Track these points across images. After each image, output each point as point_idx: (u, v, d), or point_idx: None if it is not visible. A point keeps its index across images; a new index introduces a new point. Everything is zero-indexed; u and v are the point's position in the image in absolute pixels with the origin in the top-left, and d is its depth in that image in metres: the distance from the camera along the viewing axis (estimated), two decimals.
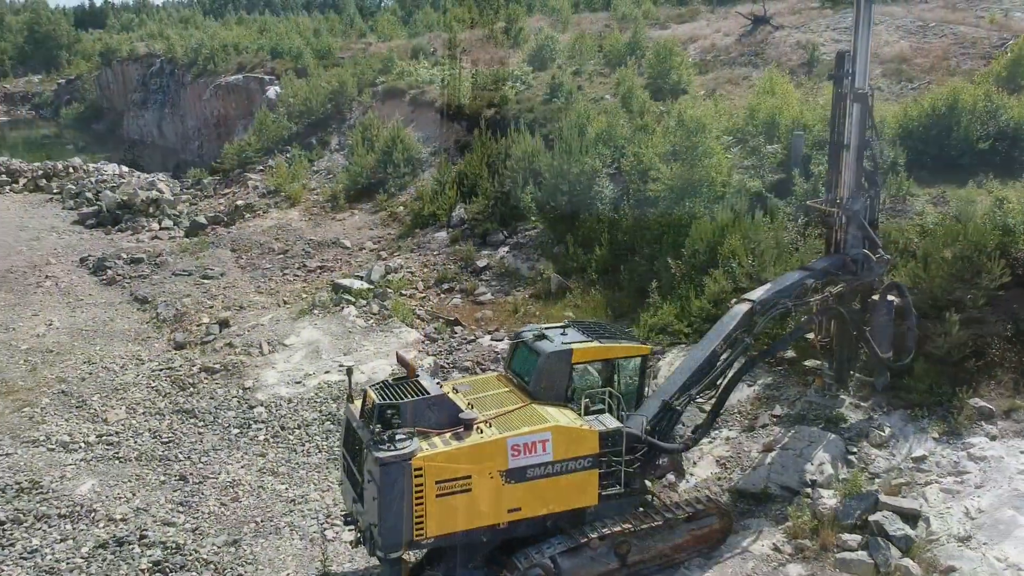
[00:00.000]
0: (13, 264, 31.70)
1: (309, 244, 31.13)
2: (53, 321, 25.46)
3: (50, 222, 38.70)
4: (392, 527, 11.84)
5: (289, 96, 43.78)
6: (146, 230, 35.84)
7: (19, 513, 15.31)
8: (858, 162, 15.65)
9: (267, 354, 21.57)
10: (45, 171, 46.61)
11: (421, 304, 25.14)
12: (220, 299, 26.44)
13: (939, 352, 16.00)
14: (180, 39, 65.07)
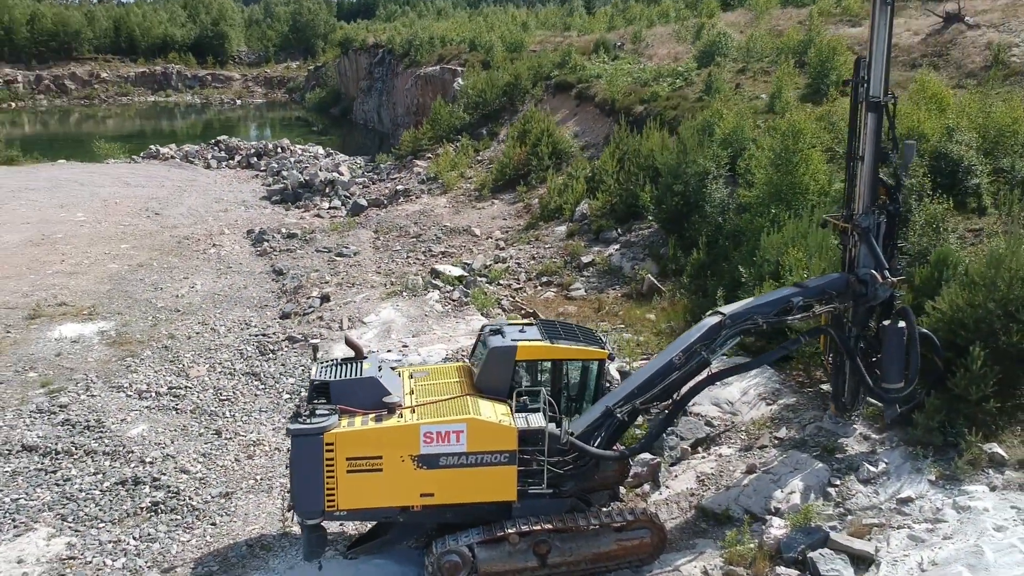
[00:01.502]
0: (194, 232, 35.59)
1: (442, 230, 32.56)
2: (197, 285, 28.46)
3: (243, 196, 42.88)
4: (303, 495, 12.76)
5: (468, 88, 45.57)
6: (316, 208, 38.87)
7: (73, 446, 17.64)
8: (872, 175, 14.61)
9: (344, 329, 23.08)
10: (258, 149, 51.45)
11: (513, 295, 25.77)
12: (341, 276, 28.37)
13: (957, 388, 14.62)
14: (399, 31, 69.02)
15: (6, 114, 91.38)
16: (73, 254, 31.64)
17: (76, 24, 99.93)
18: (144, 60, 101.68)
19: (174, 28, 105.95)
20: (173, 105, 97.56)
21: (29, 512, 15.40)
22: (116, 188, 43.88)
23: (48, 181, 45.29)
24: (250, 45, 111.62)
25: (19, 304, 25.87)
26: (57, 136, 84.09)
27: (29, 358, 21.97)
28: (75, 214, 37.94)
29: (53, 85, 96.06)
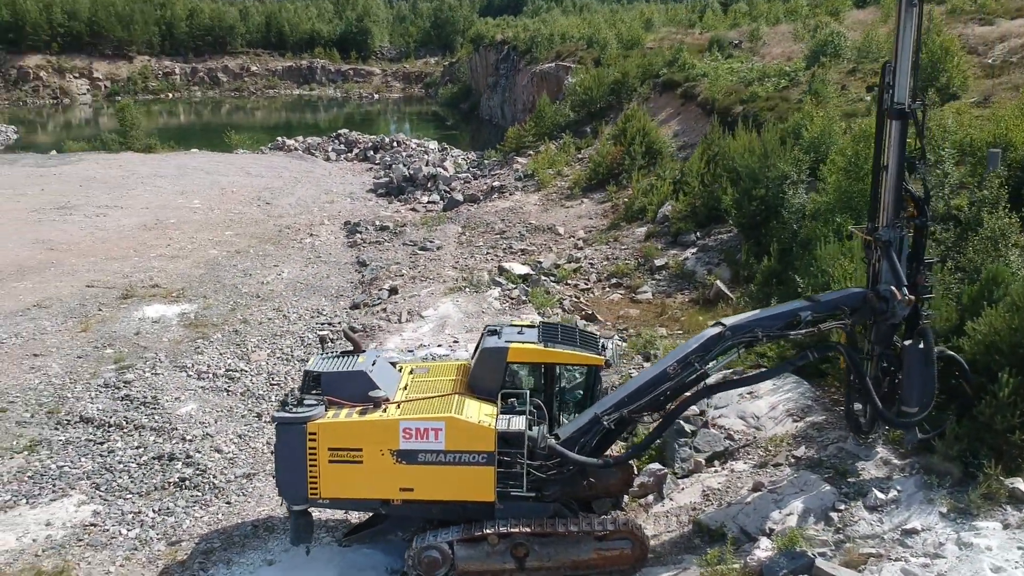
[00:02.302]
0: (296, 222, 37.07)
1: (527, 228, 32.72)
2: (284, 272, 29.67)
3: (352, 189, 44.30)
4: (287, 482, 13.24)
5: (576, 85, 45.50)
6: (415, 202, 39.75)
7: (126, 420, 18.82)
8: (897, 187, 13.84)
9: (402, 322, 23.60)
10: (375, 143, 52.99)
11: (578, 295, 25.68)
12: (418, 269, 28.98)
13: (982, 416, 13.70)
14: (525, 28, 69.45)
15: (164, 104, 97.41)
16: (179, 239, 33.55)
17: (231, 20, 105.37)
18: (291, 55, 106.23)
19: (321, 24, 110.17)
20: (316, 99, 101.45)
21: (69, 479, 16.55)
22: (236, 177, 46.16)
23: (177, 169, 48.10)
24: (392, 41, 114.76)
25: (117, 284, 27.66)
26: (209, 125, 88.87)
27: (111, 335, 23.49)
28: (192, 201, 40.19)
29: (207, 77, 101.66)
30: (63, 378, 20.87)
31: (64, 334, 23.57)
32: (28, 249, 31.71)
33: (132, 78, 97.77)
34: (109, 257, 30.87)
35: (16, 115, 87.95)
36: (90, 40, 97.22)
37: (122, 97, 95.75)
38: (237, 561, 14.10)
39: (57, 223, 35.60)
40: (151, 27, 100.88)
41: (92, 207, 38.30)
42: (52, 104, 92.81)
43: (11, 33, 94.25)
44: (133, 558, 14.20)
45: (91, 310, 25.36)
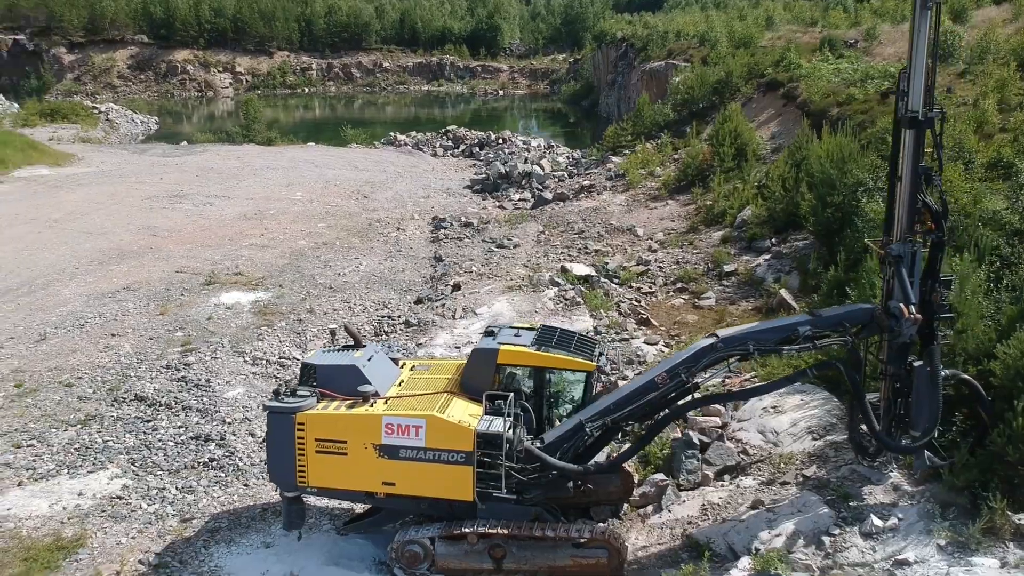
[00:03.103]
0: (388, 216, 38.03)
1: (606, 228, 32.53)
2: (362, 265, 30.53)
3: (450, 185, 45.03)
4: (277, 469, 13.79)
5: (680, 84, 44.78)
6: (507, 199, 40.08)
7: (175, 401, 19.87)
8: (911, 199, 13.17)
9: (455, 319, 23.94)
10: (481, 140, 53.64)
11: (639, 299, 25.40)
12: (490, 267, 29.27)
13: (994, 446, 12.88)
14: (644, 25, 68.70)
15: (300, 98, 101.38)
16: (274, 230, 34.97)
17: (367, 17, 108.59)
18: (423, 51, 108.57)
19: (453, 21, 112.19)
20: (444, 95, 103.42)
21: (110, 453, 17.63)
22: (343, 171, 47.68)
23: (290, 161, 50.07)
24: (522, 38, 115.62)
25: (204, 271, 29.11)
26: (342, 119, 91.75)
27: (185, 319, 24.78)
28: (295, 193, 41.80)
29: (341, 73, 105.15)
30: (131, 358, 22.16)
31: (143, 316, 25.00)
32: (133, 235, 33.75)
33: (271, 73, 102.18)
34: (204, 245, 32.49)
35: (164, 107, 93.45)
36: (234, 36, 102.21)
37: (261, 91, 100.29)
38: (238, 542, 14.73)
39: (166, 211, 37.72)
40: (291, 24, 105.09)
41: (201, 196, 40.38)
42: (197, 97, 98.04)
43: (163, 29, 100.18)
44: (146, 531, 15.03)
45: (174, 295, 26.78)
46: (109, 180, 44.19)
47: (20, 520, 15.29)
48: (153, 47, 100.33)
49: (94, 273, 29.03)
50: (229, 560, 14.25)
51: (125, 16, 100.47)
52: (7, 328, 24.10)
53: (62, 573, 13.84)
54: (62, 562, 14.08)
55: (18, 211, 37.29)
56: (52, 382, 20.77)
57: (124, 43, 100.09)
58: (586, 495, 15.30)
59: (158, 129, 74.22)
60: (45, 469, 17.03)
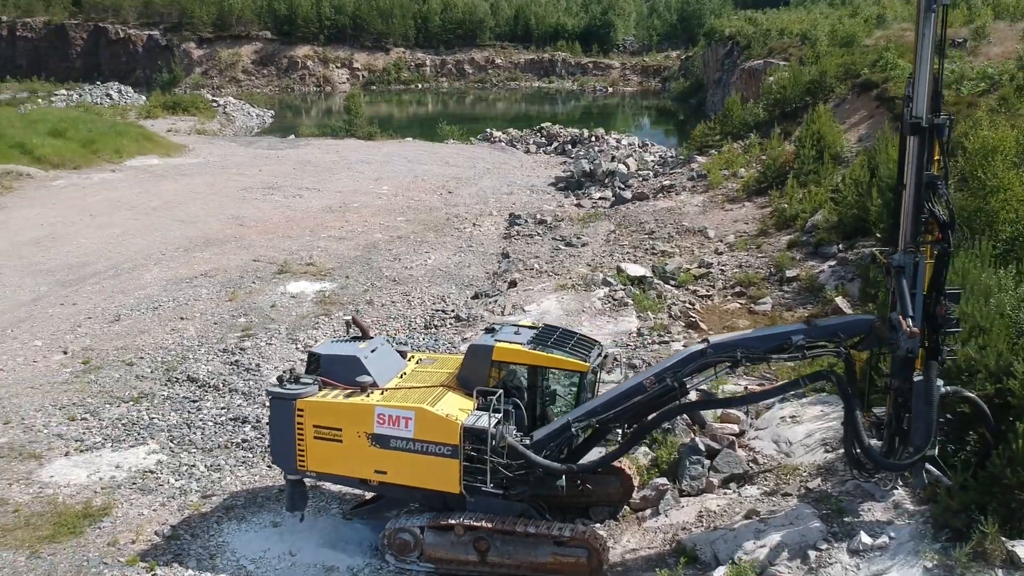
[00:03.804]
0: (468, 212, 38.65)
1: (677, 230, 32.20)
2: (430, 260, 31.18)
3: (535, 182, 45.33)
4: (278, 453, 14.44)
5: (772, 84, 43.78)
6: (587, 197, 40.10)
7: (224, 383, 20.87)
8: (915, 208, 12.75)
9: (503, 314, 24.24)
10: (574, 137, 53.71)
11: (693, 302, 25.14)
12: (553, 265, 29.45)
13: (994, 468, 12.34)
14: (751, 22, 67.25)
15: (414, 94, 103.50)
16: (354, 222, 36.05)
17: (482, 14, 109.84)
18: (535, 48, 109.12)
19: (567, 17, 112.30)
20: (555, 91, 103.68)
21: (152, 430, 18.71)
22: (433, 166, 48.60)
23: (384, 156, 51.37)
24: (636, 34, 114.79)
25: (279, 260, 30.33)
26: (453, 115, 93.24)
27: (250, 306, 25.91)
28: (382, 187, 42.91)
29: (454, 69, 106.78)
30: (193, 341, 23.36)
31: (213, 302, 26.27)
32: (222, 223, 35.38)
33: (387, 69, 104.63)
34: (285, 235, 33.79)
35: (284, 100, 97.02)
36: (352, 33, 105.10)
37: (376, 87, 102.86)
38: (249, 520, 15.46)
39: (257, 201, 39.37)
40: (408, 21, 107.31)
41: (293, 188, 41.93)
42: (315, 92, 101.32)
43: (286, 26, 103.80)
44: (168, 505, 15.93)
45: (246, 282, 28.02)
46: (212, 171, 46.36)
47: (59, 488, 16.43)
48: (276, 43, 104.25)
49: (178, 259, 30.62)
50: (236, 536, 14.98)
51: (251, 13, 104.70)
52: (88, 308, 25.73)
53: (84, 538, 14.82)
54: (86, 528, 15.08)
55: (123, 198, 39.60)
56: (116, 360, 22.11)
57: (249, 39, 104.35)
58: (585, 495, 15.39)
59: (272, 122, 77.15)
60: (91, 441, 18.20)
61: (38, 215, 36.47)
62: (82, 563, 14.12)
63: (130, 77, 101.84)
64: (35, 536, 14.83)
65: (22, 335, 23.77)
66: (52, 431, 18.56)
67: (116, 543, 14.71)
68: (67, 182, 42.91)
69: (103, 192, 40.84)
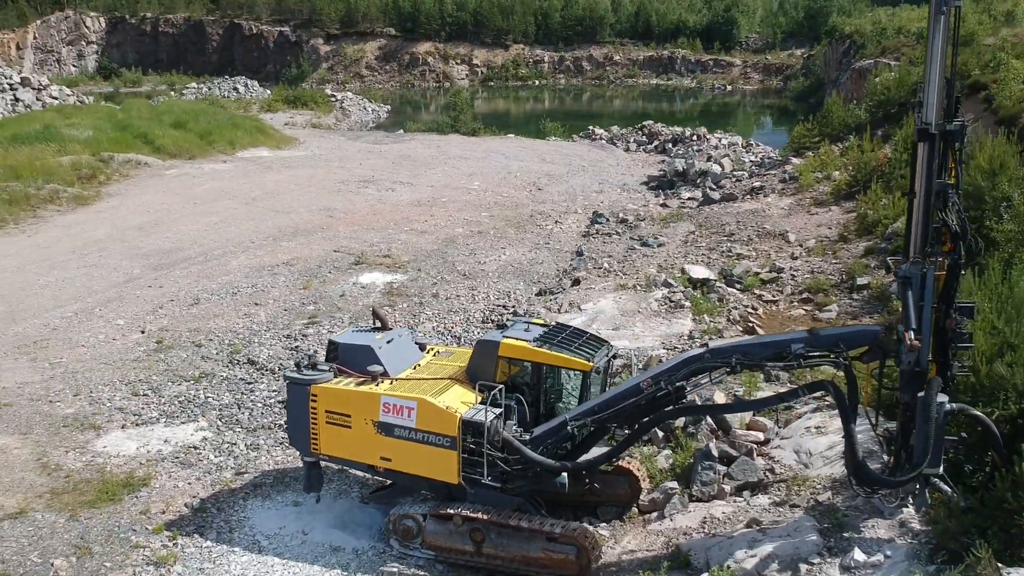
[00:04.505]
0: (553, 209, 38.90)
1: (757, 232, 31.54)
2: (504, 255, 31.58)
3: (628, 181, 45.14)
4: (295, 435, 15.13)
5: (878, 84, 42.21)
6: (675, 197, 39.69)
7: (280, 367, 21.78)
8: (924, 218, 12.36)
9: (559, 312, 24.39)
10: (675, 136, 53.12)
11: (756, 306, 24.68)
12: (623, 264, 29.39)
13: (996, 491, 11.82)
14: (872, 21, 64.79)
15: (531, 91, 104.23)
16: (439, 216, 36.81)
17: (602, 10, 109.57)
18: (655, 45, 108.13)
19: (689, 14, 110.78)
20: (673, 89, 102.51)
21: (205, 409, 19.76)
22: (528, 163, 48.99)
23: (483, 152, 52.07)
24: (760, 31, 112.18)
25: (357, 251, 31.30)
26: (571, 111, 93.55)
27: (321, 295, 26.91)
28: (473, 182, 43.57)
29: (572, 66, 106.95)
30: (261, 326, 24.46)
31: (288, 289, 27.40)
32: (313, 215, 36.73)
33: (505, 65, 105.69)
34: (370, 227, 34.82)
35: (404, 96, 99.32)
36: (473, 29, 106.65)
37: (494, 83, 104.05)
38: (273, 498, 16.22)
39: (351, 194, 40.65)
40: (528, 17, 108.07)
41: (388, 182, 43.08)
42: (435, 87, 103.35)
43: (409, 23, 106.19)
44: (203, 479, 16.86)
45: (323, 272, 29.09)
46: (315, 163, 48.08)
47: (109, 457, 17.61)
48: (399, 39, 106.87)
49: (265, 248, 32.01)
50: (257, 513, 15.74)
51: (376, 10, 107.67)
52: (172, 292, 27.26)
53: (121, 506, 15.86)
54: (124, 496, 16.13)
55: (227, 188, 41.57)
56: (186, 341, 23.40)
57: (374, 35, 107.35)
58: (594, 495, 15.46)
59: (387, 117, 79.12)
60: (148, 416, 19.39)
61: (147, 202, 38.71)
62: (113, 528, 15.13)
63: (261, 72, 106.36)
64: (79, 500, 15.96)
65: (108, 314, 25.39)
66: (115, 405, 19.84)
67: (148, 512, 15.69)
68: (180, 171, 45.32)
69: (210, 181, 42.97)
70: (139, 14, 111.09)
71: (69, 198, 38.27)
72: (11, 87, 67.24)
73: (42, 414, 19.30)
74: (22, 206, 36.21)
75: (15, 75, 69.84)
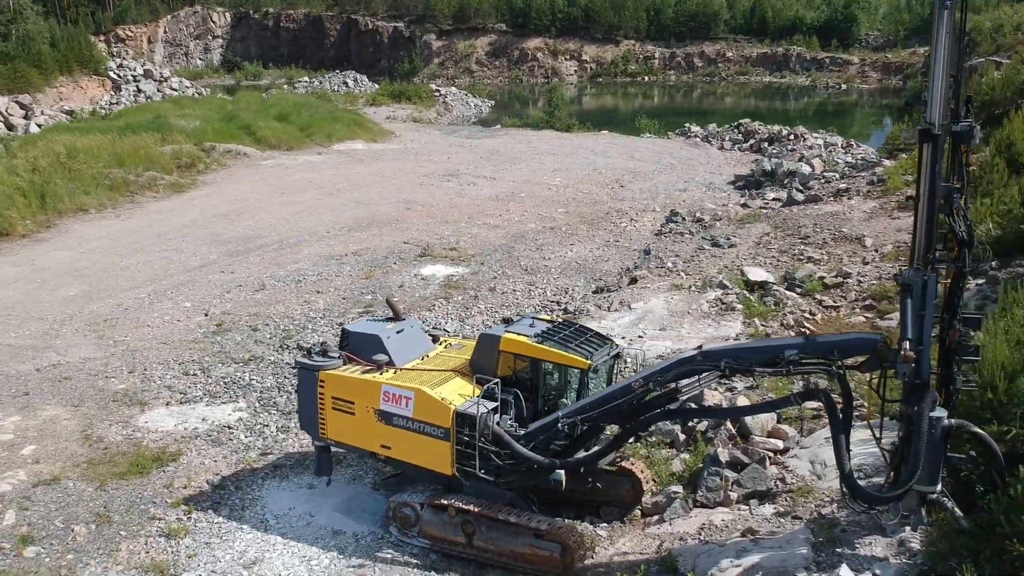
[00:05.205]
0: (631, 207, 38.52)
1: (834, 236, 30.44)
2: (571, 252, 31.49)
3: (714, 179, 44.27)
4: (305, 420, 15.56)
5: (984, 84, 40.03)
6: (759, 198, 38.71)
7: None
8: (928, 223, 11.78)
9: (608, 311, 24.19)
10: (772, 135, 51.78)
11: (814, 312, 23.89)
12: (689, 264, 28.89)
13: (990, 514, 11.18)
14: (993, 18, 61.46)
15: (640, 87, 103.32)
16: (514, 211, 36.97)
17: (716, 6, 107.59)
18: (769, 41, 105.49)
19: (806, 11, 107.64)
20: (786, 87, 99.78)
21: (246, 391, 20.46)
22: (616, 160, 48.63)
23: (573, 148, 51.95)
24: (881, 28, 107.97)
25: (425, 243, 31.76)
26: (680, 109, 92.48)
27: (381, 285, 27.44)
28: (556, 178, 43.54)
29: (683, 62, 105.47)
30: (318, 313, 25.14)
31: (351, 279, 28.06)
32: (391, 206, 37.45)
33: (615, 61, 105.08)
34: (443, 220, 35.26)
35: (512, 92, 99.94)
36: (583, 24, 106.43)
37: (602, 79, 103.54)
38: (291, 480, 16.70)
39: (432, 187, 41.24)
40: (640, 13, 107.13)
41: (470, 176, 43.50)
42: (543, 83, 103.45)
43: (520, 18, 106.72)
44: (229, 458, 17.49)
45: (388, 262, 29.66)
46: (405, 157, 48.98)
47: (148, 433, 18.45)
48: (509, 35, 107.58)
49: (339, 238, 32.84)
50: (272, 493, 16.24)
51: (488, 6, 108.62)
52: (242, 277, 28.29)
53: (147, 479, 16.62)
54: (153, 470, 16.89)
55: (316, 179, 42.80)
56: (244, 325, 24.26)
57: (485, 31, 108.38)
58: (598, 494, 15.35)
59: (489, 112, 79.76)
60: (193, 395, 20.22)
61: (238, 190, 40.24)
62: (135, 500, 15.87)
63: (375, 67, 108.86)
64: (111, 472, 16.80)
65: (178, 297, 26.56)
66: (164, 383, 20.77)
67: (171, 486, 16.39)
68: (275, 162, 46.90)
69: (301, 173, 44.32)
70: (262, 9, 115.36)
71: (166, 185, 40.13)
72: (135, 79, 70.87)
73: (96, 388, 20.37)
74: (121, 192, 38.19)
75: (139, 67, 73.55)
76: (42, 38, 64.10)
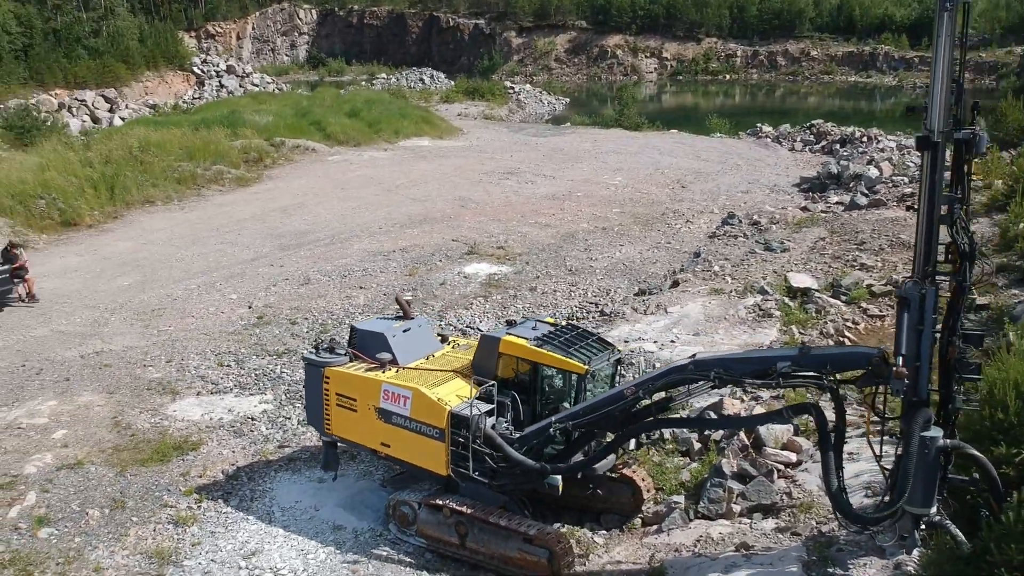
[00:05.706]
0: (689, 208, 38.00)
1: (891, 242, 29.44)
2: (619, 253, 31.17)
3: (779, 181, 43.31)
4: (311, 416, 15.78)
5: None
6: (822, 201, 37.72)
7: None
8: (928, 234, 11.32)
9: (645, 314, 23.88)
10: (844, 136, 50.38)
11: (857, 320, 23.18)
12: (738, 268, 28.30)
13: (981, 542, 10.66)
14: None
15: (721, 85, 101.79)
16: (568, 210, 36.81)
17: (802, 3, 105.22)
18: (856, 40, 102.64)
19: (896, 8, 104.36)
20: (872, 87, 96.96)
21: (275, 383, 20.82)
22: (680, 159, 47.99)
23: (638, 147, 51.46)
24: (977, 26, 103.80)
25: (473, 241, 31.85)
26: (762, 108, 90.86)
27: (423, 282, 27.63)
28: (616, 178, 43.19)
29: (766, 61, 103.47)
30: (357, 308, 25.44)
31: (394, 275, 28.33)
32: (446, 203, 37.68)
33: (695, 59, 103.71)
34: (496, 218, 35.32)
35: (590, 89, 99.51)
36: (665, 22, 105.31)
37: (683, 77, 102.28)
38: (302, 473, 16.93)
39: (490, 185, 41.33)
40: (723, 10, 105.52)
41: (530, 175, 43.46)
42: (622, 80, 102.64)
43: (600, 15, 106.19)
44: (247, 449, 17.83)
45: (434, 260, 29.84)
46: (468, 154, 49.21)
47: (174, 421, 18.95)
48: (589, 32, 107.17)
49: (389, 234, 33.20)
50: (282, 486, 16.49)
51: (569, 3, 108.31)
52: (290, 271, 28.83)
53: (166, 466, 17.06)
54: (173, 458, 17.33)
55: (377, 175, 43.36)
56: (283, 319, 24.71)
57: (565, 28, 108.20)
58: (598, 501, 15.19)
59: (563, 110, 79.52)
60: (223, 386, 20.68)
61: (301, 185, 41.03)
62: (151, 487, 16.31)
63: (456, 64, 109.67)
64: (133, 458, 17.31)
65: (226, 288, 27.22)
66: (198, 373, 21.30)
67: (187, 475, 16.79)
68: (341, 158, 47.66)
69: (364, 169, 44.93)
70: (347, 7, 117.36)
71: (232, 179, 41.16)
72: (217, 74, 72.81)
73: (132, 376, 21.01)
74: (188, 185, 39.31)
75: (222, 63, 75.52)
76: (131, 34, 66.27)
